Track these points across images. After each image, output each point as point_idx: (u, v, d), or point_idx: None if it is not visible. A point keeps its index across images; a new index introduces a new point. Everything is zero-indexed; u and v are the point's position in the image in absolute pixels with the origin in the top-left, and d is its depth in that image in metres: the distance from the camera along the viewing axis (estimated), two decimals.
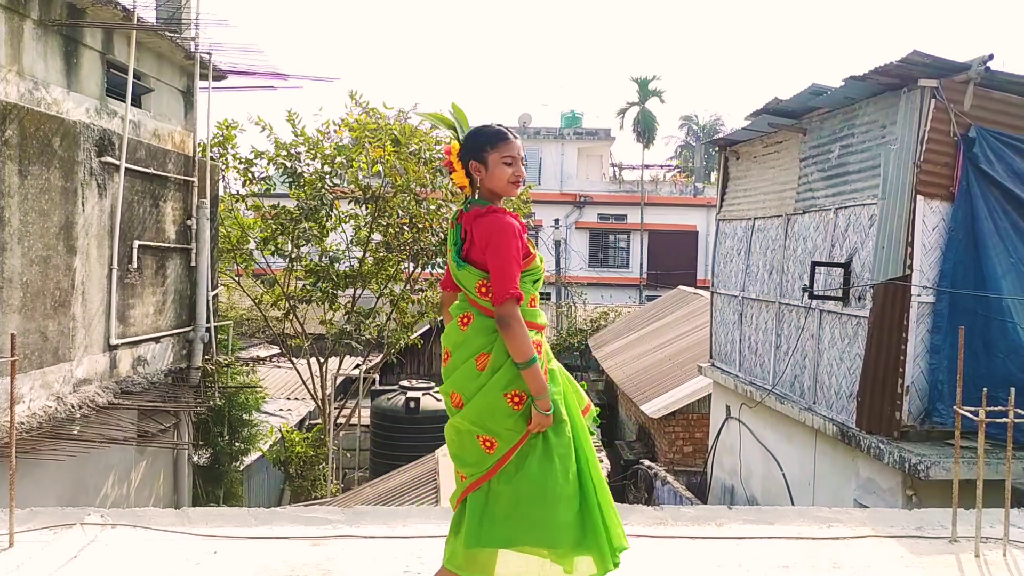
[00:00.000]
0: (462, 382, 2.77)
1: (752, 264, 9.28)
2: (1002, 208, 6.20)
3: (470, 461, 2.78)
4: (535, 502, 2.66)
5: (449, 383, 2.82)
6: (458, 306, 2.87)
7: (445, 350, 2.88)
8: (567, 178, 34.08)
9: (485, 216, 2.79)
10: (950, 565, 3.70)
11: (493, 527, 2.67)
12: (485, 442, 2.73)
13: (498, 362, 2.72)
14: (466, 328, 2.80)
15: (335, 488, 11.96)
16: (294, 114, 12.21)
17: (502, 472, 2.71)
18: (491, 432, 2.72)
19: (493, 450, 2.72)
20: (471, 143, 2.85)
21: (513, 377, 2.70)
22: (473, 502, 2.74)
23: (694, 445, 12.90)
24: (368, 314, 12.52)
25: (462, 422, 2.77)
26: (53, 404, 6.49)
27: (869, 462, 6.59)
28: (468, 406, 2.74)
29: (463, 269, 2.80)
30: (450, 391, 2.82)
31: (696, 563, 3.72)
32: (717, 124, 44.80)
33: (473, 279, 2.78)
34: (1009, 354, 5.99)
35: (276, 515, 4.28)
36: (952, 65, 6.06)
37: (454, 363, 2.81)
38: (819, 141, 7.82)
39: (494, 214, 2.78)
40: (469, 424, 2.75)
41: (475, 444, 2.75)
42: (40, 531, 3.84)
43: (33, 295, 6.30)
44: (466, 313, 2.82)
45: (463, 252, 2.84)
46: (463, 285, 2.83)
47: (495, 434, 2.72)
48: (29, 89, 6.39)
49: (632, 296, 32.63)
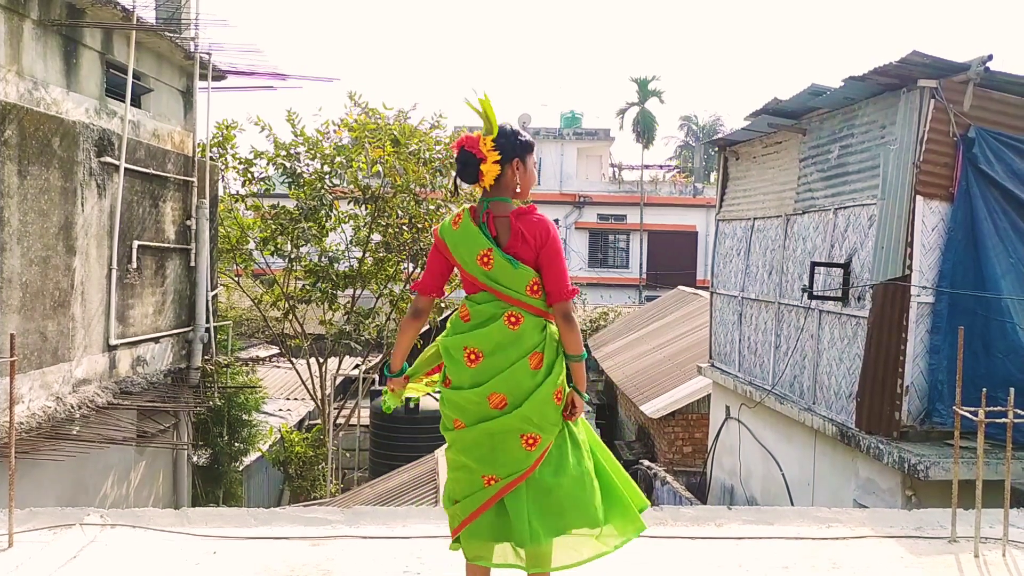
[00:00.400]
0: (513, 382, 2.74)
1: (752, 264, 9.28)
2: (1001, 208, 6.20)
3: (506, 462, 2.75)
4: (579, 487, 2.77)
5: (491, 384, 2.74)
6: (495, 305, 2.78)
7: (474, 351, 2.77)
8: (567, 178, 34.09)
9: (531, 215, 2.83)
10: (949, 565, 3.70)
11: (554, 519, 2.76)
12: (528, 440, 2.75)
13: (551, 359, 2.81)
14: (517, 327, 2.77)
15: (335, 488, 11.96)
16: (293, 114, 12.22)
17: (545, 465, 2.78)
18: (539, 428, 2.76)
19: (535, 446, 2.76)
20: (519, 142, 2.85)
21: (562, 372, 2.82)
22: (516, 501, 2.74)
23: (694, 445, 12.90)
24: (367, 314, 12.52)
25: (504, 422, 2.72)
26: (52, 404, 6.49)
27: (868, 462, 6.59)
28: (523, 407, 2.73)
29: (520, 269, 2.78)
30: (489, 392, 2.74)
31: (696, 563, 3.72)
32: (717, 124, 44.81)
33: (527, 279, 2.78)
34: (1008, 354, 5.99)
35: (276, 515, 4.28)
36: (951, 65, 6.07)
37: (498, 364, 2.75)
38: (818, 141, 7.82)
39: (539, 213, 2.86)
40: (518, 423, 2.73)
41: (516, 443, 2.74)
42: (39, 531, 3.84)
43: (32, 295, 6.30)
44: (512, 313, 2.77)
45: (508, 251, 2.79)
46: (508, 285, 2.77)
47: (541, 430, 2.77)
48: (28, 89, 6.39)
49: (632, 296, 32.64)
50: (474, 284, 2.83)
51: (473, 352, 2.77)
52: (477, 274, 2.80)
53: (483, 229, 2.81)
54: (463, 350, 2.79)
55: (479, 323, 2.80)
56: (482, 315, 2.80)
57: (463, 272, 2.84)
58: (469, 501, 2.78)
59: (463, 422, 2.79)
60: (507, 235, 2.81)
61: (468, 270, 2.81)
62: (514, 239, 2.79)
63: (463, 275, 2.86)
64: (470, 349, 2.78)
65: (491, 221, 2.82)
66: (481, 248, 2.79)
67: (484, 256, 2.79)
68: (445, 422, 2.88)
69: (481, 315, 2.80)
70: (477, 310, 2.81)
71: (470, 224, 2.83)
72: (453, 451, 2.86)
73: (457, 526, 2.82)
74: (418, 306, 2.95)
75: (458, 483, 2.83)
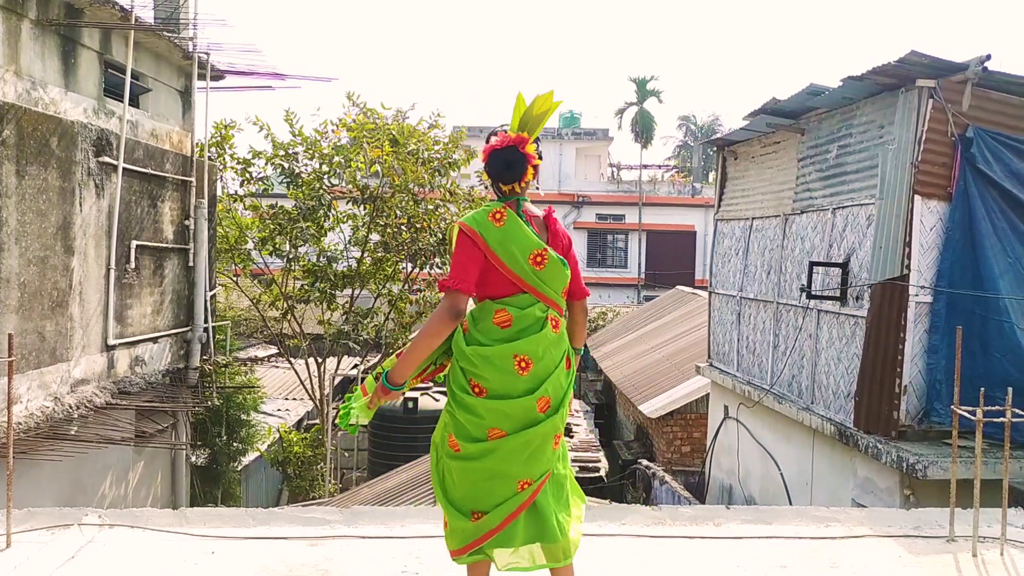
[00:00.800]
0: (557, 385, 2.75)
1: (750, 264, 9.29)
2: (999, 208, 6.21)
3: (541, 462, 2.73)
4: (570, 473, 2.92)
5: (542, 389, 2.69)
6: (539, 308, 2.73)
7: (524, 358, 2.67)
8: (565, 178, 34.10)
9: (553, 217, 2.88)
10: (948, 564, 3.70)
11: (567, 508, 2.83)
12: (556, 439, 2.79)
13: (573, 359, 2.87)
14: (558, 330, 2.78)
15: (333, 488, 11.95)
16: (292, 114, 12.20)
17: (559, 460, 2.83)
18: (564, 427, 2.84)
19: (558, 444, 2.81)
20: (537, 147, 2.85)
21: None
22: (545, 499, 2.75)
23: (692, 445, 12.90)
24: (366, 314, 12.51)
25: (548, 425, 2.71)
26: (51, 404, 6.48)
27: (867, 462, 6.60)
28: (562, 407, 2.77)
29: (567, 270, 2.80)
30: (539, 397, 2.69)
31: (694, 563, 3.72)
32: (715, 124, 44.84)
33: (566, 281, 2.81)
34: (1006, 354, 6.00)
35: (274, 515, 4.27)
36: (950, 65, 6.07)
37: (547, 368, 2.71)
38: (817, 141, 7.83)
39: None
40: (558, 424, 2.75)
41: (551, 444, 2.75)
42: (38, 532, 3.83)
43: (31, 295, 6.29)
44: (553, 316, 2.77)
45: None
46: (553, 287, 2.76)
47: (565, 426, 2.86)
48: (27, 89, 6.38)
49: (630, 296, 32.65)
50: (513, 285, 2.71)
51: (524, 359, 2.67)
52: (524, 274, 2.70)
53: (530, 228, 2.77)
54: (512, 358, 2.67)
55: (525, 328, 2.70)
56: (528, 319, 2.70)
57: (505, 272, 2.70)
58: (502, 509, 2.68)
59: (504, 430, 2.67)
60: (544, 236, 2.80)
61: (514, 269, 2.69)
62: (553, 240, 2.80)
63: (500, 275, 2.71)
64: (520, 356, 2.67)
65: (530, 221, 2.79)
66: (535, 248, 2.72)
67: (538, 256, 2.72)
68: (472, 433, 2.70)
69: (527, 319, 2.70)
70: (522, 314, 2.70)
71: (518, 222, 2.74)
72: (484, 462, 2.69)
73: (480, 537, 2.70)
74: (460, 307, 2.68)
75: (487, 493, 2.69)
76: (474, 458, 2.70)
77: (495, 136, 2.83)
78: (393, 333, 12.77)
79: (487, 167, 2.82)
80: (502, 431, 2.67)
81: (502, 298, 2.73)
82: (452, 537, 2.78)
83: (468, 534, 2.71)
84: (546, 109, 2.77)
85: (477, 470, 2.70)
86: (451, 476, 2.75)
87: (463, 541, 2.74)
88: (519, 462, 2.68)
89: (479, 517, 2.69)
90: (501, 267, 2.69)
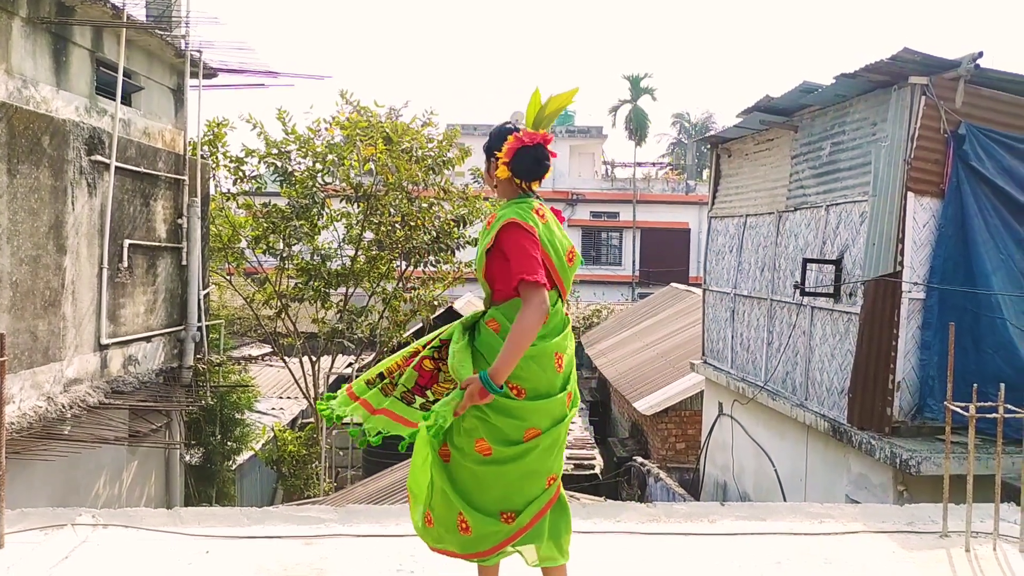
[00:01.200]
0: (575, 377, 2.81)
1: (744, 261, 9.30)
2: (992, 205, 6.23)
3: (562, 456, 2.80)
4: None
5: (570, 384, 2.74)
6: (562, 304, 2.77)
7: (560, 355, 2.70)
8: (559, 176, 34.10)
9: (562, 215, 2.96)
10: (941, 560, 3.72)
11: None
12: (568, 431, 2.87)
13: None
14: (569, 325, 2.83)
15: (328, 487, 11.94)
16: (284, 112, 12.17)
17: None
18: None
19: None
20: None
21: None
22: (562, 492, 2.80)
23: (687, 442, 12.93)
24: (360, 312, 12.50)
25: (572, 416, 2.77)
26: (43, 404, 6.45)
27: (860, 458, 6.62)
28: (576, 399, 2.81)
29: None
30: (568, 392, 2.73)
31: (689, 559, 3.72)
32: (709, 121, 44.92)
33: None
34: (998, 350, 6.03)
35: (269, 514, 4.27)
36: (942, 62, 6.09)
37: (571, 361, 2.76)
38: (810, 138, 7.84)
39: None
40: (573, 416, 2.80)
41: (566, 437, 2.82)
42: (31, 532, 3.82)
43: (23, 295, 6.26)
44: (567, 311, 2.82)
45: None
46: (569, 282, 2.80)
47: None
48: (18, 87, 6.34)
49: (624, 293, 32.69)
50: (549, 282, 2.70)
51: (560, 356, 2.69)
52: (562, 271, 2.74)
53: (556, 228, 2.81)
54: (553, 356, 2.67)
55: (556, 324, 2.71)
56: (558, 315, 2.72)
57: (551, 269, 2.70)
58: (534, 505, 2.68)
59: (539, 429, 2.65)
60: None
61: (557, 266, 2.72)
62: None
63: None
64: (559, 353, 2.69)
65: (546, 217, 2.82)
66: (568, 245, 2.79)
67: (571, 253, 2.78)
68: (510, 436, 2.64)
69: (557, 315, 2.71)
70: (554, 311, 2.70)
71: (556, 220, 2.80)
72: (520, 463, 2.65)
73: (512, 535, 2.67)
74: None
75: (519, 494, 2.67)
76: (510, 460, 2.65)
77: (511, 134, 2.76)
78: (387, 331, 12.76)
79: (514, 163, 2.74)
80: (537, 430, 2.65)
81: None
82: (480, 541, 2.69)
83: (501, 535, 2.68)
84: (557, 107, 2.78)
85: (512, 471, 2.66)
86: (476, 481, 2.68)
87: (493, 542, 2.69)
88: (550, 458, 2.70)
89: (511, 517, 2.66)
90: (549, 264, 2.69)
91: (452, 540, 2.74)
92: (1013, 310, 6.09)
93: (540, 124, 2.78)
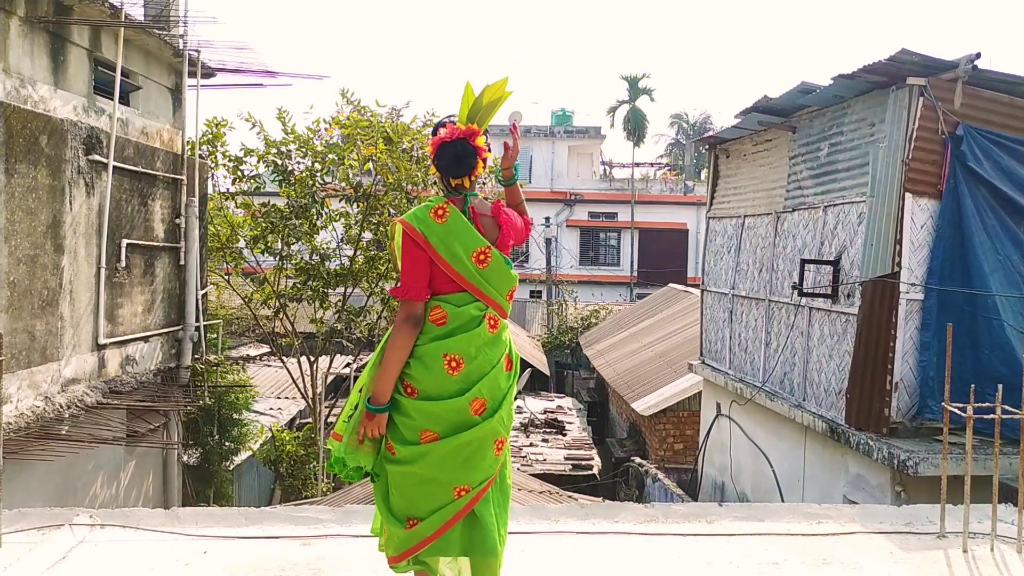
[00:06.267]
0: (494, 386, 2.64)
1: (742, 262, 9.31)
2: (989, 206, 6.24)
3: (481, 468, 2.62)
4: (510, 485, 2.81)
5: (475, 390, 2.59)
6: (477, 307, 2.63)
7: (455, 358, 2.58)
8: (557, 176, 34.11)
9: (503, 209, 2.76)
10: (938, 560, 3.72)
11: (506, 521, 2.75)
12: (498, 444, 2.66)
13: (515, 360, 2.76)
14: (496, 331, 2.67)
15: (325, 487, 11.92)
16: (284, 111, 12.15)
17: (505, 467, 2.75)
18: (506, 431, 2.70)
19: (502, 450, 2.69)
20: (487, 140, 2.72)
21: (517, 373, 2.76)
22: (486, 508, 2.64)
23: (684, 442, 12.94)
24: (359, 312, 12.49)
25: (485, 428, 2.60)
26: (41, 404, 6.44)
27: (858, 458, 6.62)
28: (501, 410, 2.64)
29: (512, 272, 2.71)
30: (472, 399, 2.59)
31: (687, 560, 3.72)
32: (707, 122, 44.90)
33: (512, 283, 2.71)
34: (996, 351, 6.03)
35: (266, 515, 4.26)
36: (940, 63, 6.10)
37: (481, 368, 2.61)
38: (808, 139, 7.85)
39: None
40: (497, 428, 2.63)
41: (491, 449, 2.64)
42: (28, 532, 3.81)
43: (20, 294, 6.25)
44: (491, 315, 2.66)
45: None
46: (496, 287, 2.66)
47: (507, 431, 2.71)
48: (15, 87, 6.34)
49: (623, 294, 32.70)
50: (452, 283, 2.62)
51: (454, 359, 2.58)
52: (466, 273, 2.60)
53: (473, 225, 2.65)
54: (442, 357, 2.58)
55: (459, 326, 2.61)
56: (463, 317, 2.61)
57: (447, 270, 2.60)
58: (437, 516, 2.59)
59: (436, 433, 2.58)
60: (494, 234, 2.69)
61: (456, 267, 2.60)
62: (502, 240, 2.70)
63: (442, 273, 2.62)
64: (451, 356, 2.58)
65: (476, 219, 2.68)
66: (479, 245, 2.63)
67: (481, 254, 2.63)
68: (405, 436, 2.60)
69: (462, 317, 2.61)
70: (458, 312, 2.61)
71: (462, 219, 2.64)
72: (417, 466, 2.59)
73: (416, 545, 2.61)
74: (418, 313, 2.60)
75: (420, 499, 2.60)
76: (407, 462, 2.61)
77: (443, 128, 2.69)
78: (386, 332, 12.73)
79: (435, 160, 2.69)
80: (434, 434, 2.58)
81: (441, 295, 2.64)
82: (389, 544, 2.69)
83: (403, 541, 2.63)
84: (497, 98, 2.67)
85: (410, 475, 2.61)
86: (390, 482, 2.65)
87: (398, 549, 2.65)
88: (453, 468, 2.58)
89: (414, 524, 2.61)
90: (443, 265, 2.60)
91: (381, 540, 2.77)
92: (1010, 311, 6.10)
93: (476, 117, 2.67)
